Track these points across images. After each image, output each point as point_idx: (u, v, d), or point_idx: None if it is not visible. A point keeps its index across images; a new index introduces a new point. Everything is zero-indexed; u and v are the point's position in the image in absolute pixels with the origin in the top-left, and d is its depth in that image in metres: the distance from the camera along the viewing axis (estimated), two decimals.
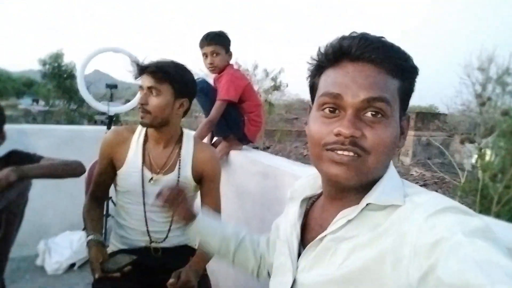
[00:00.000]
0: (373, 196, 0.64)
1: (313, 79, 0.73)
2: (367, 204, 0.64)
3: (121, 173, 1.51)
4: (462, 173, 14.40)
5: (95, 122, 20.37)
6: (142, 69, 1.44)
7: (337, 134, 0.62)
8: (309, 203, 0.83)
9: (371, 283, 0.60)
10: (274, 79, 19.64)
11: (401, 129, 0.67)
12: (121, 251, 1.52)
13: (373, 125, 0.63)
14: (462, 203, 0.59)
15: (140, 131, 1.54)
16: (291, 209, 0.84)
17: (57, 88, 24.72)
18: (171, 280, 1.24)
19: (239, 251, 1.02)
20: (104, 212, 2.69)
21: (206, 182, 1.57)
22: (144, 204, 1.51)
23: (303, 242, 0.77)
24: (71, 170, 1.43)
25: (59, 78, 25.13)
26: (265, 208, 1.85)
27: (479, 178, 13.16)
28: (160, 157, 1.52)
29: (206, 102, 2.22)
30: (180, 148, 1.55)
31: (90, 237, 1.44)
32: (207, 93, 2.20)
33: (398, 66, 0.63)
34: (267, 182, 1.83)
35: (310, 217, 0.81)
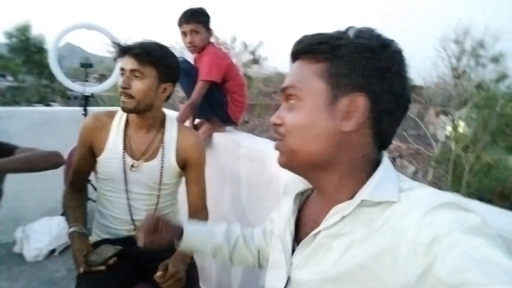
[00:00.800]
0: (367, 191, 0.62)
1: None
2: (361, 200, 0.63)
3: (101, 160, 1.44)
4: (436, 144, 14.89)
5: (68, 98, 19.73)
6: (123, 50, 1.35)
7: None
8: (303, 198, 0.82)
9: (367, 281, 0.59)
10: (253, 52, 19.40)
11: (343, 111, 0.63)
12: (104, 241, 1.48)
13: (290, 110, 0.68)
14: (436, 173, 0.59)
15: (120, 116, 1.47)
16: (285, 205, 0.83)
17: (26, 63, 23.67)
18: (158, 273, 1.21)
19: (235, 253, 1.02)
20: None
21: (190, 168, 1.52)
22: (127, 191, 1.46)
23: (297, 237, 0.76)
24: (48, 162, 1.35)
25: (27, 52, 24.01)
26: (251, 192, 1.84)
27: (452, 149, 13.69)
28: (142, 143, 1.46)
29: (188, 83, 2.14)
30: (163, 134, 1.49)
31: (72, 228, 1.39)
32: (188, 73, 2.11)
33: (320, 51, 0.65)
34: (253, 165, 1.81)
35: (304, 212, 0.79)
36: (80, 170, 1.51)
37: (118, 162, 1.43)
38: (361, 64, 0.62)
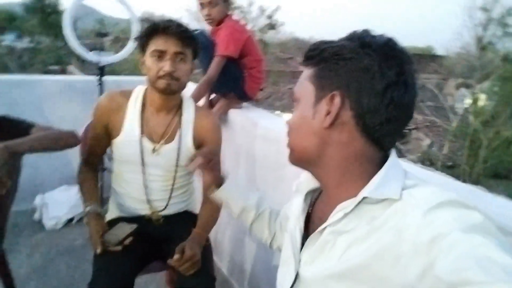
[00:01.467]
0: (369, 189, 0.64)
1: None
2: (364, 198, 0.64)
3: (117, 142, 1.43)
4: (454, 118, 14.54)
5: (84, 61, 19.72)
6: (160, 29, 1.30)
7: None
8: (315, 196, 0.83)
9: (371, 279, 0.61)
10: (269, 17, 18.87)
11: (325, 111, 0.67)
12: (120, 219, 1.50)
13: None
14: (452, 147, 0.57)
15: (136, 97, 1.44)
16: (296, 202, 0.85)
17: (42, 24, 23.56)
18: (175, 256, 1.22)
19: (257, 222, 1.07)
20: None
21: None
22: (143, 173, 1.45)
23: (307, 235, 0.78)
24: (65, 143, 1.34)
25: (43, 13, 23.83)
26: (266, 173, 1.82)
27: (470, 123, 13.36)
28: (160, 126, 1.44)
29: (205, 57, 2.07)
30: (181, 116, 1.46)
31: (88, 208, 1.40)
32: (206, 47, 2.04)
33: (310, 59, 0.70)
34: (269, 146, 1.78)
35: (314, 210, 0.81)
36: (95, 148, 1.51)
37: (135, 145, 1.42)
38: (340, 65, 0.65)
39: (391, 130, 0.66)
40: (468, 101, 14.51)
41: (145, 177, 1.46)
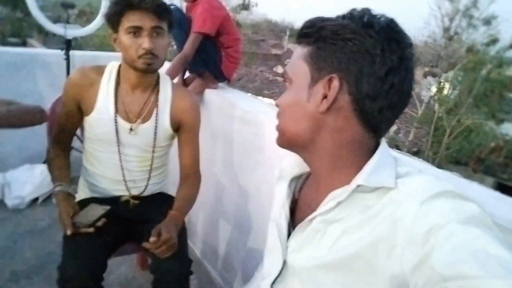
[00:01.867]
0: (362, 176, 0.62)
1: None
2: (357, 186, 0.62)
3: (90, 119, 1.36)
4: (420, 105, 15.03)
5: (47, 35, 18.70)
6: (134, 4, 1.21)
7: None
8: (299, 183, 0.81)
9: (362, 270, 0.59)
10: None
11: (321, 94, 0.63)
12: (92, 200, 1.44)
13: (285, 92, 0.72)
14: (417, 134, 0.57)
15: (109, 73, 1.37)
16: (279, 189, 0.82)
17: None
18: (152, 239, 1.18)
19: None
20: None
21: (185, 131, 1.46)
22: (119, 153, 1.40)
23: (293, 222, 0.76)
24: (31, 119, 1.26)
25: None
26: (244, 156, 1.80)
27: (435, 111, 13.86)
28: (136, 104, 1.38)
29: (180, 34, 2.00)
30: (157, 94, 1.40)
31: (58, 188, 1.33)
32: (181, 24, 1.97)
33: (306, 36, 0.66)
34: (248, 128, 1.75)
35: (300, 197, 0.79)
36: (65, 127, 1.43)
37: (110, 124, 1.35)
38: (339, 46, 0.61)
39: (389, 116, 0.63)
40: (433, 89, 15.00)
41: (122, 157, 1.40)
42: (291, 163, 0.82)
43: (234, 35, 2.15)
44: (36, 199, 2.57)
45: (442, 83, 14.39)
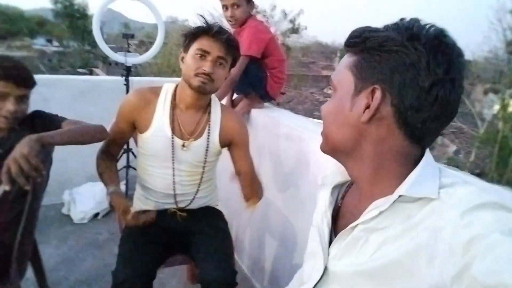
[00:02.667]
0: (405, 187, 0.62)
1: None
2: (400, 196, 0.62)
3: (145, 137, 1.46)
4: (482, 124, 14.13)
5: (110, 64, 20.26)
6: (210, 31, 1.35)
7: None
8: (342, 190, 0.83)
9: (402, 278, 0.59)
10: (292, 21, 18.90)
11: (364, 104, 0.64)
12: (145, 212, 1.53)
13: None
14: (479, 154, 0.55)
15: (165, 94, 1.48)
16: (322, 196, 0.84)
17: (70, 28, 24.43)
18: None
19: None
20: (125, 164, 2.75)
21: (236, 148, 1.55)
22: (173, 168, 1.49)
23: (335, 229, 0.77)
24: (94, 137, 1.39)
25: (71, 18, 24.73)
26: (289, 171, 1.83)
27: (499, 130, 12.94)
28: (190, 123, 1.48)
29: None
30: (209, 114, 1.51)
31: (111, 189, 1.41)
32: None
33: (354, 45, 0.67)
34: (292, 145, 1.79)
35: (343, 204, 0.80)
36: (116, 141, 1.54)
37: (164, 141, 1.45)
38: (384, 58, 0.62)
39: (433, 128, 0.63)
40: (496, 107, 14.08)
41: (174, 172, 1.49)
42: (334, 171, 0.83)
43: (279, 57, 2.23)
44: (97, 214, 2.78)
45: (505, 100, 13.46)
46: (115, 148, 1.57)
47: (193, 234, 1.52)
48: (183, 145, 1.46)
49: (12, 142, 1.29)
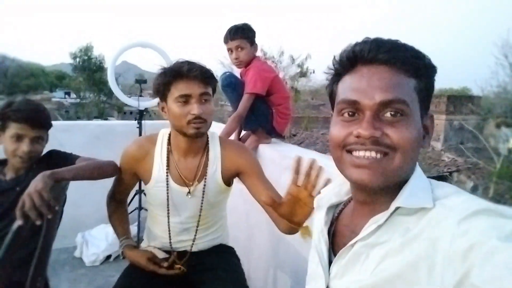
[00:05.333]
0: (400, 199, 0.63)
1: (331, 87, 0.74)
2: (396, 209, 0.64)
3: (149, 188, 1.46)
4: (497, 158, 13.88)
5: (124, 113, 20.90)
6: (182, 74, 1.28)
7: (357, 137, 0.64)
8: (337, 210, 0.84)
9: None
10: (300, 65, 19.44)
11: (425, 129, 0.67)
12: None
13: (394, 124, 0.63)
14: (498, 190, 0.56)
15: (161, 142, 1.44)
16: (317, 217, 0.85)
17: (87, 81, 25.55)
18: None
19: None
20: (137, 206, 2.78)
21: (247, 177, 1.44)
22: (168, 217, 1.45)
23: (334, 248, 0.78)
24: (105, 171, 1.44)
25: (89, 71, 25.95)
26: None
27: None
28: (189, 168, 1.42)
29: (234, 96, 2.21)
30: (207, 154, 1.44)
31: (124, 242, 1.47)
32: (235, 87, 2.18)
33: (412, 65, 0.63)
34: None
35: (339, 224, 0.81)
36: (122, 189, 1.56)
37: (165, 190, 1.42)
38: (432, 84, 0.66)
39: None
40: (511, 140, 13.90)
41: (172, 219, 1.46)
42: (328, 193, 0.86)
43: (284, 94, 2.32)
44: (109, 256, 2.78)
45: None
46: (121, 195, 1.59)
47: (205, 270, 1.48)
48: (189, 192, 1.41)
49: (29, 180, 1.36)
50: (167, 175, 1.41)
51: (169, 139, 1.44)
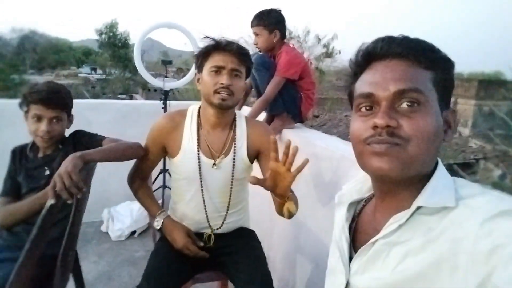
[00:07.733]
0: (422, 198, 0.63)
1: (350, 88, 0.75)
2: (418, 208, 0.63)
3: (177, 160, 1.48)
4: None
5: (149, 90, 21.15)
6: (220, 47, 1.38)
7: (374, 127, 0.64)
8: (358, 207, 0.84)
9: None
10: (326, 45, 18.98)
11: (447, 123, 0.67)
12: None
13: (410, 114, 0.63)
14: None
15: (191, 115, 1.50)
16: (339, 213, 0.86)
17: (113, 57, 25.88)
18: None
19: None
20: (162, 184, 2.84)
21: (265, 158, 1.50)
22: (202, 190, 1.49)
23: (355, 245, 0.78)
24: (132, 153, 1.48)
25: (114, 47, 26.25)
26: (318, 190, 1.83)
27: None
28: (218, 141, 1.48)
29: (266, 76, 2.17)
30: (234, 130, 1.51)
31: (162, 215, 1.51)
32: (269, 67, 2.16)
33: (426, 57, 0.64)
34: (322, 164, 1.80)
35: (360, 220, 0.82)
36: (146, 165, 1.57)
37: (195, 162, 1.46)
38: (451, 78, 0.66)
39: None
40: None
41: (204, 193, 1.50)
42: (350, 189, 0.87)
43: (312, 79, 2.30)
44: (134, 232, 2.87)
45: None
46: (145, 172, 1.62)
47: (228, 253, 1.51)
48: (214, 164, 1.46)
49: (58, 161, 1.41)
50: (198, 146, 1.45)
51: (198, 113, 1.50)
